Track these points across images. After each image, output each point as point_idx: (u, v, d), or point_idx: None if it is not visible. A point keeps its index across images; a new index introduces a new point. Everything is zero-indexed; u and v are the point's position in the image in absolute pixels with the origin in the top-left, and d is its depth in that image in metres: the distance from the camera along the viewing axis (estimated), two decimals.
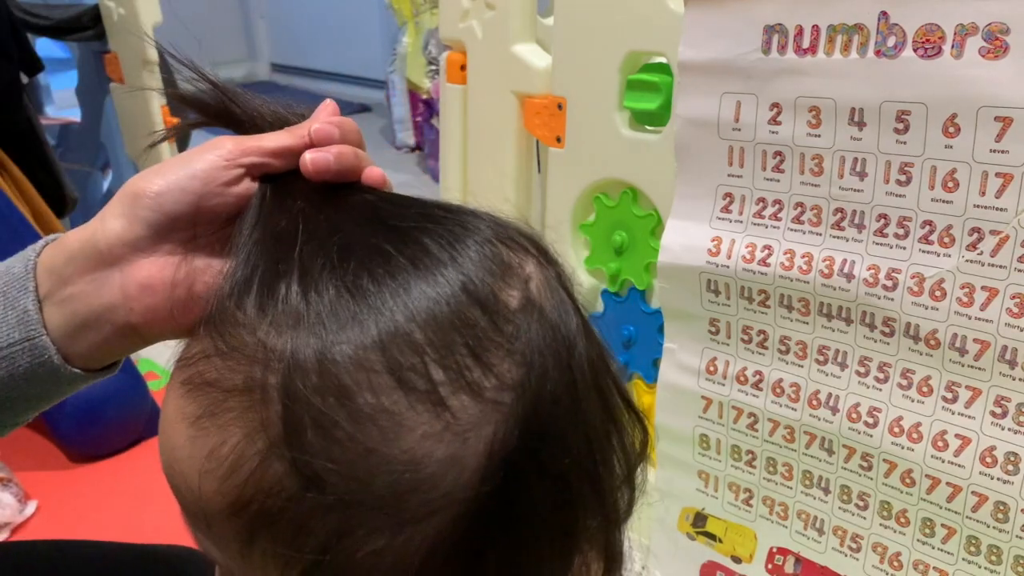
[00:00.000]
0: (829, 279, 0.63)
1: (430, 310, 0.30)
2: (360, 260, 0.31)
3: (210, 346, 0.31)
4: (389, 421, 0.29)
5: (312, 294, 0.30)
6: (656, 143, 0.85)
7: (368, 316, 0.30)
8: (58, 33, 1.65)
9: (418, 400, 0.29)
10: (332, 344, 0.29)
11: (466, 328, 0.30)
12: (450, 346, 0.30)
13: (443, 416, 0.29)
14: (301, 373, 0.29)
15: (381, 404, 0.29)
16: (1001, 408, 0.57)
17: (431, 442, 0.29)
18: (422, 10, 2.44)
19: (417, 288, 0.30)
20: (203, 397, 0.31)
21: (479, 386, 0.30)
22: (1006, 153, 0.53)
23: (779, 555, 0.74)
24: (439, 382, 0.29)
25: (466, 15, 1.02)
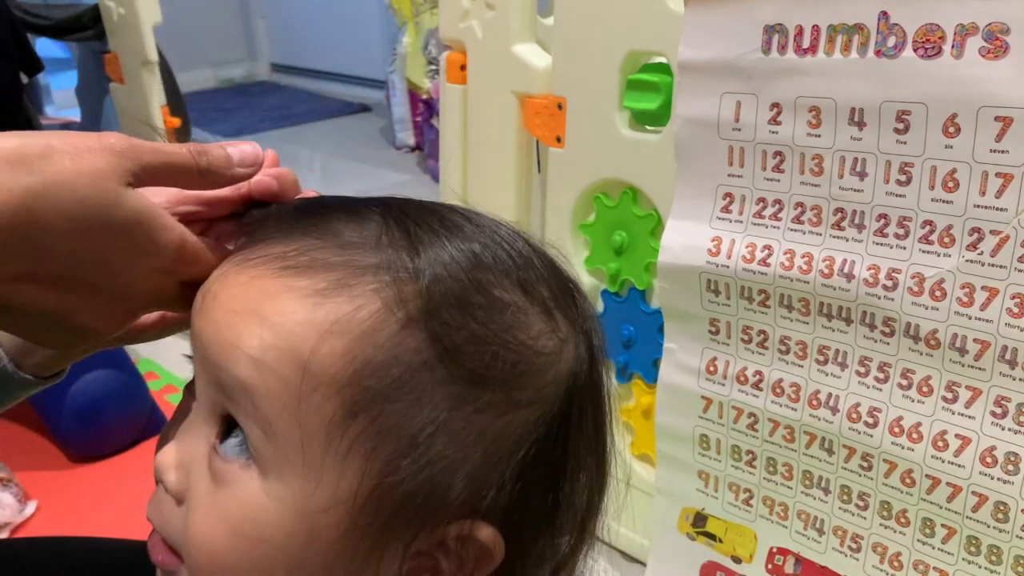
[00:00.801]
0: (829, 279, 0.63)
1: (528, 244, 0.37)
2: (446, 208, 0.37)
3: (314, 243, 0.33)
4: (517, 312, 0.34)
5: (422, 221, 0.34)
6: (656, 143, 0.85)
7: (482, 239, 0.35)
8: (58, 33, 1.65)
9: (535, 304, 0.35)
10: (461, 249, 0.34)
11: (558, 274, 0.37)
12: (552, 276, 0.36)
13: (551, 322, 0.35)
14: (441, 263, 0.33)
15: (511, 299, 0.34)
16: (1001, 408, 0.57)
17: (544, 339, 0.35)
18: (422, 10, 2.44)
19: (508, 236, 0.36)
20: (325, 273, 0.32)
21: (570, 313, 0.36)
22: (1006, 153, 0.53)
23: (779, 555, 0.74)
24: (547, 297, 0.35)
25: (466, 15, 1.02)
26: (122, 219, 0.32)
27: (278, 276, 0.32)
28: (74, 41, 1.71)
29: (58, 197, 0.30)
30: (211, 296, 0.34)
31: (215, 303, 0.33)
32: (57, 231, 0.31)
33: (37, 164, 0.30)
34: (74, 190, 0.31)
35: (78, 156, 0.31)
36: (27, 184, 0.30)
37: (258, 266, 0.33)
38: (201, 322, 0.34)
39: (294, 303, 0.32)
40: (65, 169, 0.31)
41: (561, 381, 0.35)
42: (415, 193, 0.40)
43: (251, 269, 0.33)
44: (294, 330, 0.31)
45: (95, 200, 0.31)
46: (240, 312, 0.32)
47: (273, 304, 0.32)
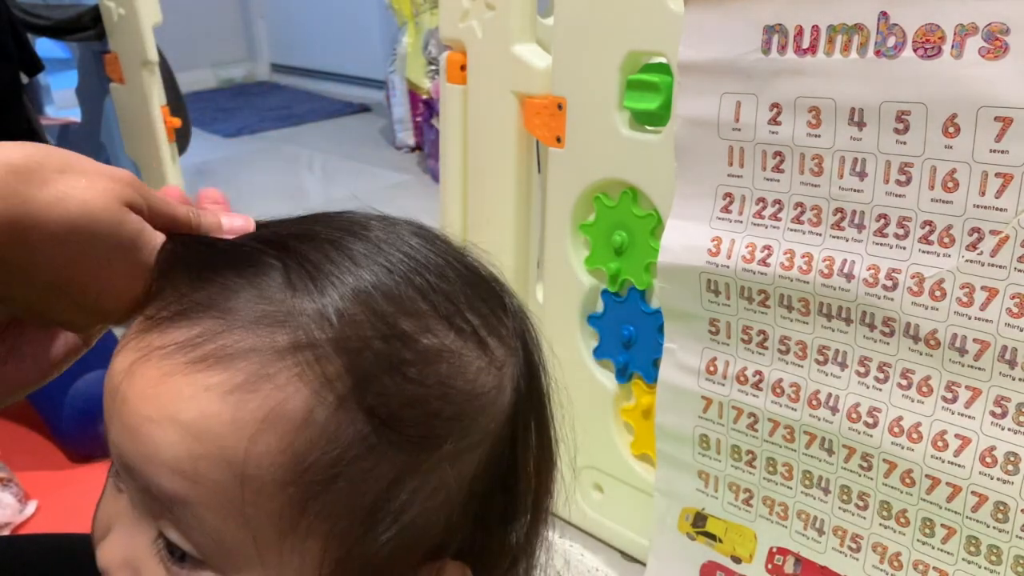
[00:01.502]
0: (829, 279, 0.63)
1: (441, 266, 0.35)
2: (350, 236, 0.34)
3: (217, 324, 0.31)
4: (452, 358, 0.33)
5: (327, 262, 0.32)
6: (656, 143, 0.85)
7: (395, 268, 0.33)
8: (58, 33, 1.65)
9: (468, 339, 0.34)
10: (373, 295, 0.32)
11: (478, 284, 0.36)
12: (473, 288, 0.35)
13: (487, 353, 0.34)
14: (355, 325, 0.31)
15: (442, 344, 0.33)
16: (1001, 408, 0.57)
17: (483, 375, 0.34)
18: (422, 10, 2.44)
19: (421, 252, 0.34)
20: (239, 363, 0.30)
21: (500, 331, 0.35)
22: (1006, 153, 0.53)
23: (779, 555, 0.74)
24: (476, 325, 0.34)
25: (466, 15, 1.02)
26: (123, 238, 0.33)
27: (188, 372, 0.30)
28: (74, 41, 1.71)
29: (67, 209, 0.32)
30: (121, 400, 0.32)
31: (127, 408, 0.31)
32: (61, 240, 0.32)
33: (52, 176, 0.32)
34: (84, 203, 0.32)
35: (92, 177, 0.33)
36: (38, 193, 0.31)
37: (163, 359, 0.31)
38: (116, 429, 0.32)
39: (214, 404, 0.30)
40: (79, 185, 0.32)
41: (505, 408, 0.35)
42: (415, 193, 0.39)
43: (157, 363, 0.31)
44: (221, 434, 0.30)
45: (102, 217, 0.32)
46: (157, 420, 0.30)
47: (191, 408, 0.30)
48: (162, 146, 1.48)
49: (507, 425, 0.35)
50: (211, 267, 0.33)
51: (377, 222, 0.36)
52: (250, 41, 4.41)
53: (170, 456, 0.30)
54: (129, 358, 0.32)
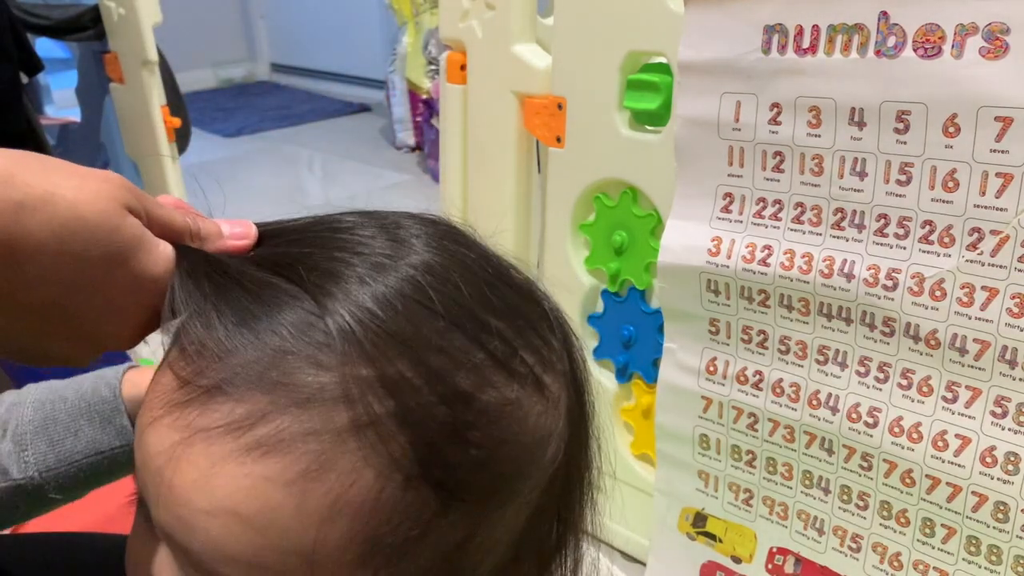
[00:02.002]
0: (829, 279, 0.63)
1: (483, 292, 0.32)
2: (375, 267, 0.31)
3: (266, 402, 0.28)
4: (515, 410, 0.31)
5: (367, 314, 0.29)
6: (656, 143, 0.85)
7: (438, 307, 0.30)
8: (58, 33, 1.65)
9: (526, 384, 0.32)
10: (425, 351, 0.29)
11: (521, 305, 0.33)
12: (522, 329, 0.33)
13: (545, 393, 0.33)
14: (411, 392, 0.28)
15: (503, 396, 0.31)
16: (1001, 408, 0.57)
17: (543, 418, 0.32)
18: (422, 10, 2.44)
19: (458, 275, 0.32)
20: (300, 450, 0.28)
21: (552, 362, 0.33)
22: (1006, 153, 0.53)
23: (779, 555, 0.74)
24: (532, 364, 0.32)
25: (466, 15, 1.02)
26: (120, 243, 0.30)
27: (242, 460, 0.28)
28: (74, 41, 1.71)
29: (55, 211, 0.28)
30: (167, 487, 0.29)
31: (175, 496, 0.29)
32: (50, 249, 0.28)
33: (36, 178, 0.28)
34: (74, 204, 0.29)
35: (83, 175, 0.30)
36: (22, 196, 0.28)
37: (210, 443, 0.28)
38: (166, 518, 0.29)
39: (277, 495, 0.27)
40: (69, 185, 0.29)
41: (562, 438, 0.34)
42: (415, 193, 0.39)
43: (204, 448, 0.28)
44: (287, 526, 0.28)
45: (96, 220, 0.29)
46: (213, 513, 0.28)
47: (252, 501, 0.28)
48: (162, 146, 1.48)
49: (563, 454, 0.34)
50: (240, 311, 0.29)
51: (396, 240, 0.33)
52: (250, 41, 4.41)
53: (231, 549, 0.28)
54: (169, 438, 0.29)
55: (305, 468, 0.28)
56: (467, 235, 0.36)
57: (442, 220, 0.36)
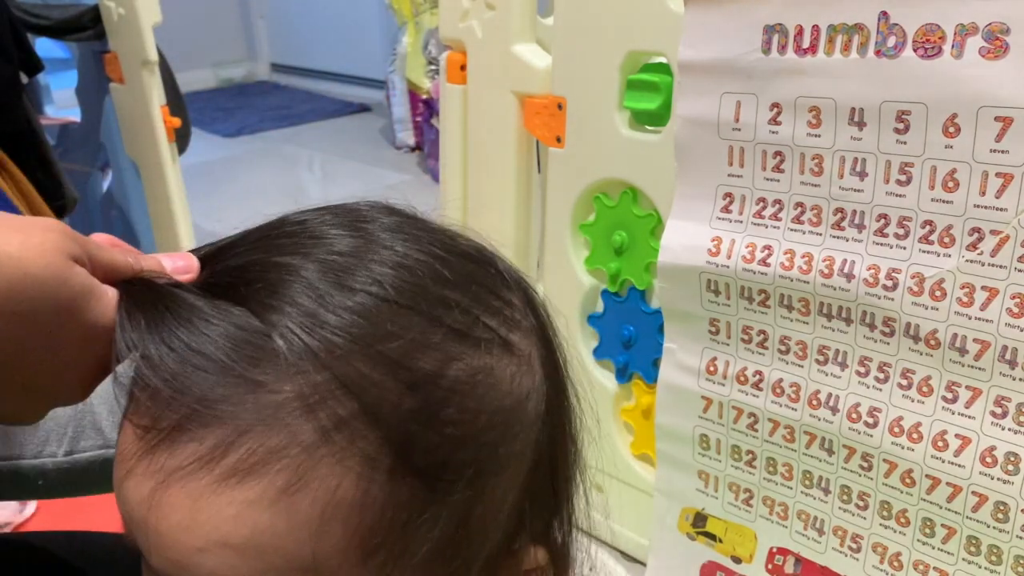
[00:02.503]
0: (829, 279, 0.63)
1: (436, 268, 0.31)
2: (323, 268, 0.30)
3: (228, 430, 0.28)
4: (486, 376, 0.31)
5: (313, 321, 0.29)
6: (656, 143, 0.85)
7: (388, 291, 0.30)
8: (58, 33, 1.65)
9: (493, 348, 0.31)
10: (380, 343, 0.29)
11: (477, 272, 0.33)
12: (479, 294, 0.32)
13: (514, 353, 0.32)
14: (372, 387, 0.28)
15: (471, 365, 0.30)
16: (1001, 408, 0.57)
17: (518, 378, 0.32)
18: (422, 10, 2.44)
19: (409, 256, 0.31)
20: (274, 468, 0.27)
21: (516, 320, 0.33)
22: (1006, 153, 0.53)
23: (779, 555, 0.74)
24: (496, 327, 0.32)
25: (466, 15, 1.02)
26: (69, 296, 0.29)
27: (221, 490, 0.27)
28: (74, 41, 1.71)
29: (0, 272, 0.27)
30: (155, 534, 0.29)
31: (165, 542, 0.28)
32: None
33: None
34: (19, 261, 0.28)
35: (24, 229, 0.29)
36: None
37: (186, 481, 0.28)
38: (159, 563, 0.29)
39: (264, 517, 0.27)
40: (11, 241, 0.28)
41: (541, 395, 0.34)
42: (415, 193, 0.39)
43: (181, 487, 0.28)
44: (282, 545, 0.28)
45: (43, 275, 0.28)
46: (207, 548, 0.28)
47: (241, 528, 0.27)
48: (162, 146, 1.48)
49: (545, 407, 0.34)
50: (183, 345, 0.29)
51: (338, 229, 0.32)
52: (250, 41, 4.41)
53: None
54: (145, 486, 0.29)
55: (285, 484, 0.28)
56: (408, 213, 0.35)
57: (387, 205, 0.35)
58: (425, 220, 0.35)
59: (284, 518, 0.28)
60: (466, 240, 0.35)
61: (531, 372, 0.33)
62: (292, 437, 0.28)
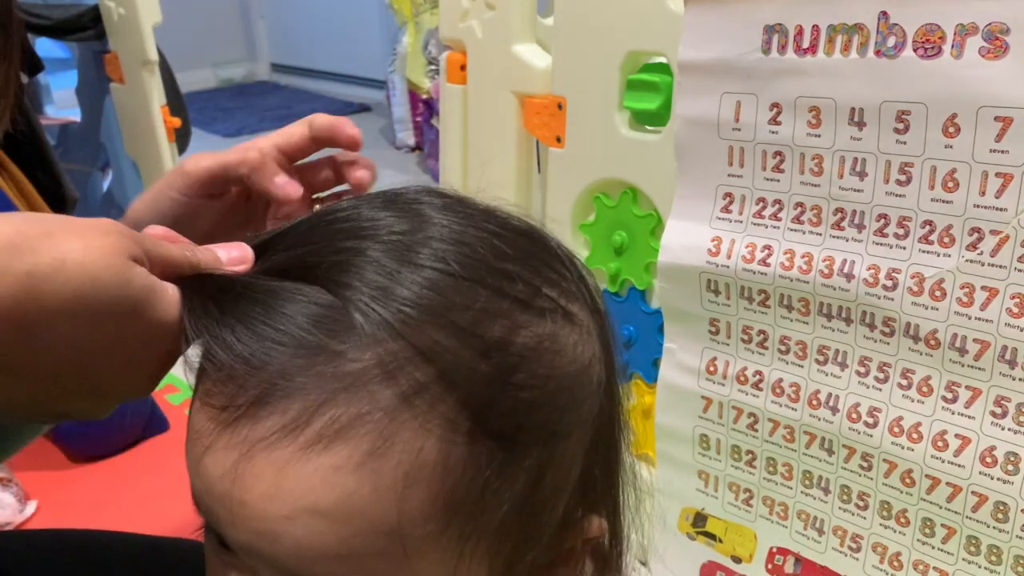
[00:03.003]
0: (829, 279, 0.63)
1: (493, 242, 0.32)
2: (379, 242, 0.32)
3: (311, 398, 0.28)
4: (552, 343, 0.32)
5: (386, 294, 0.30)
6: (656, 143, 0.85)
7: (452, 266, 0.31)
8: (58, 33, 1.65)
9: (555, 318, 0.33)
10: (451, 313, 0.30)
11: (531, 247, 0.35)
12: (537, 267, 0.34)
13: (574, 321, 0.34)
14: (447, 354, 0.29)
15: (538, 333, 0.32)
16: (1001, 408, 0.57)
17: (580, 346, 0.33)
18: (422, 10, 2.44)
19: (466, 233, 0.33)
20: (359, 433, 0.28)
21: (572, 291, 0.35)
22: (1006, 153, 0.53)
23: (779, 555, 0.74)
24: (556, 297, 0.33)
25: (466, 15, 1.02)
26: (133, 298, 0.30)
27: (306, 458, 0.28)
28: (74, 41, 1.71)
29: (66, 278, 0.28)
30: (239, 505, 0.29)
31: (250, 512, 0.29)
32: (64, 315, 0.28)
33: (41, 244, 0.28)
34: (83, 266, 0.28)
35: (84, 234, 0.29)
36: (30, 267, 0.27)
37: (270, 451, 0.28)
38: (246, 536, 0.29)
39: (350, 482, 0.28)
40: (74, 247, 0.28)
41: (600, 364, 0.35)
42: None
43: (265, 457, 0.28)
44: (368, 509, 0.28)
45: (107, 278, 0.29)
46: (293, 516, 0.28)
47: (328, 493, 0.28)
48: (162, 146, 1.48)
49: (604, 376, 0.35)
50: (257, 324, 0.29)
51: (391, 211, 0.33)
52: (250, 41, 4.41)
53: (320, 546, 0.29)
54: (227, 459, 0.29)
55: (370, 448, 0.28)
56: (460, 195, 0.37)
57: (432, 187, 0.37)
58: (472, 200, 0.36)
59: (370, 482, 0.28)
60: (520, 220, 0.36)
61: (591, 341, 0.34)
62: (374, 403, 0.28)
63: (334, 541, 0.29)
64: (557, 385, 0.32)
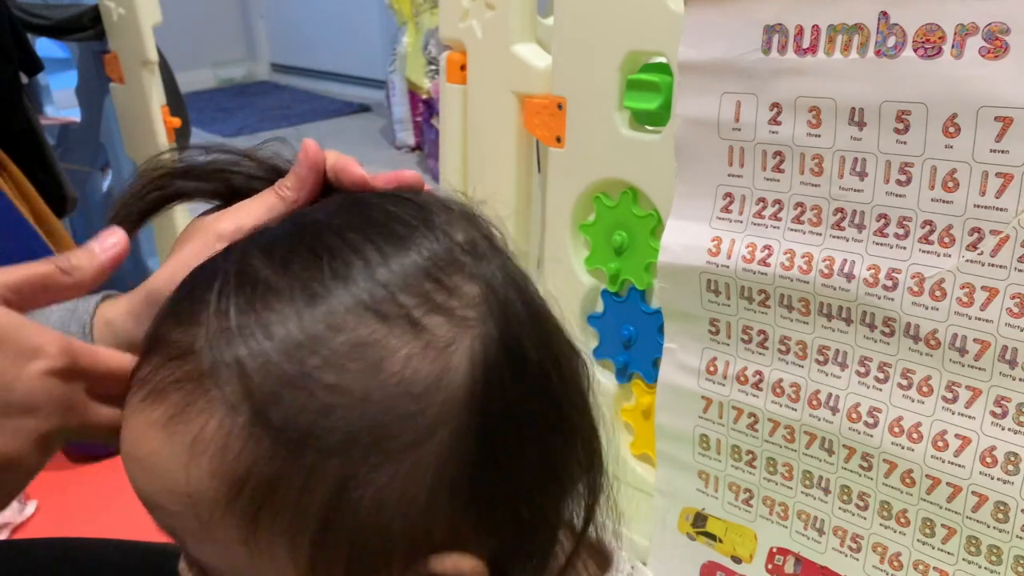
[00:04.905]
0: (829, 279, 0.63)
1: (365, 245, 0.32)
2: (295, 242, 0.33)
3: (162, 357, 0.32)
4: (371, 350, 0.30)
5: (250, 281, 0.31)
6: (656, 143, 0.85)
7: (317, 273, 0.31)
8: (58, 33, 1.65)
9: (394, 324, 0.31)
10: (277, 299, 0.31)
11: (423, 262, 0.32)
12: (413, 278, 0.32)
13: (422, 335, 0.31)
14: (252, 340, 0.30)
15: (359, 337, 0.30)
16: (1001, 408, 0.57)
17: (417, 360, 0.31)
18: (422, 10, 2.44)
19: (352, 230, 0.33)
20: (171, 397, 0.31)
21: (448, 305, 0.32)
22: (1006, 153, 0.53)
23: (779, 555, 0.74)
24: (411, 306, 0.31)
25: (466, 15, 1.02)
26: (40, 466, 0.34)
27: (143, 411, 0.32)
28: (74, 41, 1.71)
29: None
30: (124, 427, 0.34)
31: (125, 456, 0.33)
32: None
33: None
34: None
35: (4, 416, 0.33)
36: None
37: (132, 402, 0.33)
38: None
39: (156, 439, 0.31)
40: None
41: (461, 389, 0.31)
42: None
43: (130, 409, 0.33)
44: (167, 467, 0.31)
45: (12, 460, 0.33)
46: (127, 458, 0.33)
47: (144, 445, 0.32)
48: (162, 146, 1.48)
49: (476, 403, 0.31)
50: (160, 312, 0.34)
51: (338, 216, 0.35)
52: (250, 41, 4.41)
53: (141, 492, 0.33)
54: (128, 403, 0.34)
55: (173, 413, 0.31)
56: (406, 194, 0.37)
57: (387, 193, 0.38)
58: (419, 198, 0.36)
59: (168, 443, 0.31)
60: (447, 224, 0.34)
61: (442, 361, 0.31)
62: (187, 373, 0.31)
63: (148, 490, 0.32)
64: (364, 395, 0.30)
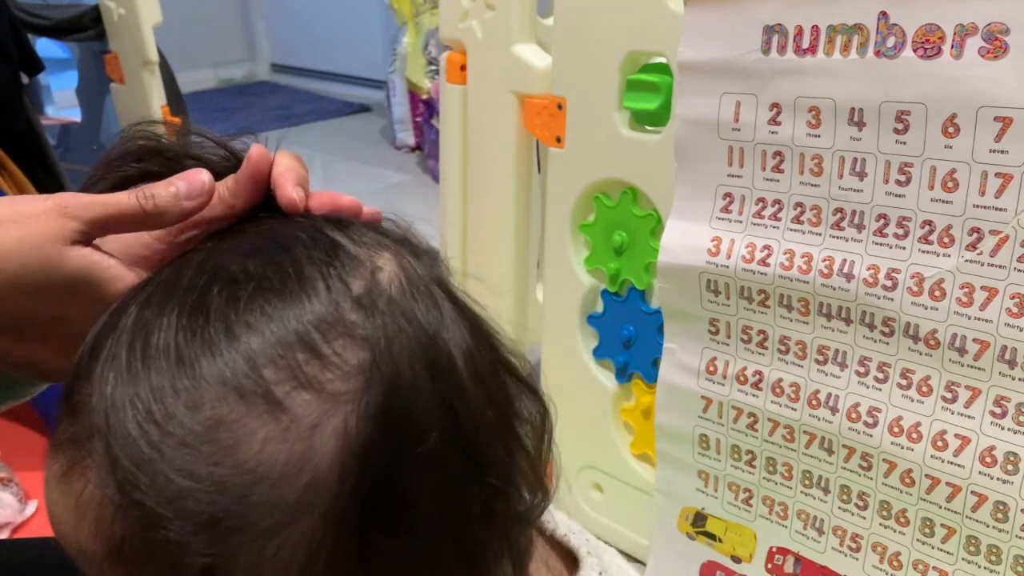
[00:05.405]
0: (829, 279, 0.63)
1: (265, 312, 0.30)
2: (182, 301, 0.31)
3: (67, 408, 0.32)
4: (226, 433, 0.28)
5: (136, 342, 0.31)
6: (656, 143, 0.85)
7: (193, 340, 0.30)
8: (58, 33, 1.65)
9: (253, 403, 0.29)
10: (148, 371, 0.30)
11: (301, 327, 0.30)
12: (284, 347, 0.29)
13: (282, 416, 0.29)
14: (123, 411, 0.29)
15: (216, 416, 0.28)
16: (1001, 408, 0.57)
17: (274, 444, 0.29)
18: (422, 10, 2.44)
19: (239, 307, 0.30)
20: (65, 453, 0.31)
21: (318, 380, 0.29)
22: (1006, 153, 0.53)
23: (779, 555, 0.74)
24: (273, 382, 0.29)
25: (466, 15, 1.02)
26: (62, 280, 0.34)
27: (50, 460, 0.32)
28: (74, 41, 1.71)
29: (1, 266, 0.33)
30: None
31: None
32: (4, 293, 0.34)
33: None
34: (9, 259, 0.34)
35: (24, 224, 0.34)
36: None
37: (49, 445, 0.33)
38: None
39: (55, 491, 0.31)
40: (10, 236, 0.34)
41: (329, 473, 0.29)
42: (415, 193, 0.38)
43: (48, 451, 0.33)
44: (63, 520, 0.31)
45: (35, 266, 0.34)
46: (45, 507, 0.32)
47: (49, 494, 0.32)
48: None
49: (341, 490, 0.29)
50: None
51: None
52: (250, 41, 4.41)
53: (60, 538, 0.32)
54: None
55: (64, 471, 0.31)
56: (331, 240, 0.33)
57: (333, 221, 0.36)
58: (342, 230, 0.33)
59: (60, 499, 0.31)
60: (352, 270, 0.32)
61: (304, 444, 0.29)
62: (79, 432, 0.31)
63: (57, 533, 0.32)
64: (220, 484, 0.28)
